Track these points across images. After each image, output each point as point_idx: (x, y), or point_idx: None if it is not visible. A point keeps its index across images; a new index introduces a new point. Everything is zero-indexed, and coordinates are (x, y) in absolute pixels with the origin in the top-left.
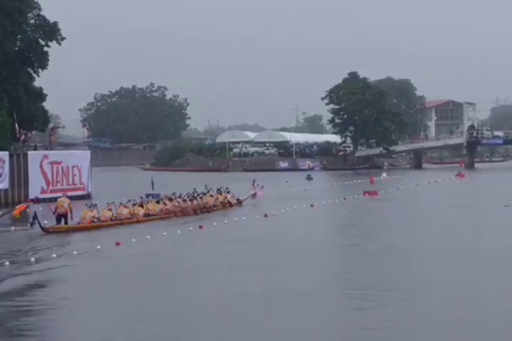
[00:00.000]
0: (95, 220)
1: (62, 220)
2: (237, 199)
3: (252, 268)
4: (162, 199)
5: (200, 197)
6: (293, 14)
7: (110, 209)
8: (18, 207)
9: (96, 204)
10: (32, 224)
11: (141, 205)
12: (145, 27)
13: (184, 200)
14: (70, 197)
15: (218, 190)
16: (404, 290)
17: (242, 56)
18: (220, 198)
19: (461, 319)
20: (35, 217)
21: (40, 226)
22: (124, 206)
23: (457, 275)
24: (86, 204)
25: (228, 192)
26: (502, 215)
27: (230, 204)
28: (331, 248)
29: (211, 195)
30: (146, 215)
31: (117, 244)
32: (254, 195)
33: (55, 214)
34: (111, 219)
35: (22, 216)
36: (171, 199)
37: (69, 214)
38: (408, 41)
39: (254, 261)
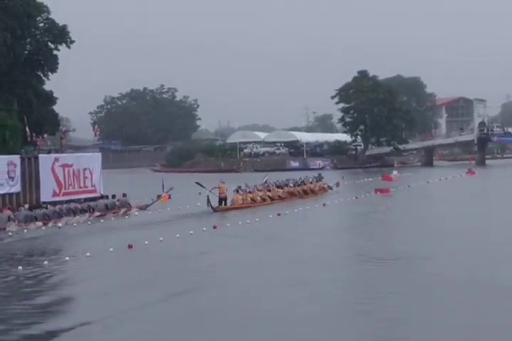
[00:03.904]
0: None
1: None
2: (328, 186)
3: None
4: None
5: (304, 184)
6: (301, 13)
7: (250, 192)
8: (162, 195)
9: (240, 188)
10: (208, 205)
11: (269, 190)
12: (155, 30)
13: (293, 186)
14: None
15: (315, 178)
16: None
17: (251, 56)
18: (318, 185)
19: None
20: (208, 200)
21: (211, 207)
22: (258, 190)
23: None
24: (235, 190)
25: (321, 179)
26: None
27: (325, 190)
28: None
29: (311, 183)
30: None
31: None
32: (337, 184)
33: (218, 198)
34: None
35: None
36: (286, 185)
37: (228, 197)
38: (417, 38)
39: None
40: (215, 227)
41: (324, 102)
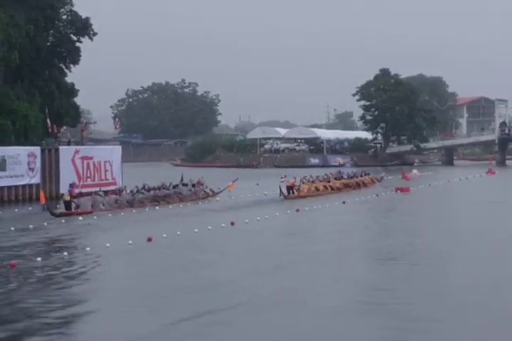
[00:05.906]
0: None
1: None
2: (376, 179)
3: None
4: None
5: (360, 176)
6: (322, 11)
7: (313, 182)
8: (229, 184)
9: (305, 178)
10: (280, 195)
11: (329, 181)
12: (177, 25)
13: (347, 178)
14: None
15: (365, 173)
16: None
17: (272, 53)
18: (368, 178)
19: None
20: (280, 189)
21: (283, 195)
22: (320, 181)
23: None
24: (301, 180)
25: (369, 174)
26: None
27: (374, 182)
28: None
29: (361, 175)
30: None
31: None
32: (381, 178)
33: (286, 187)
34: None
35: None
36: (342, 177)
37: (295, 187)
38: (439, 38)
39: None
40: (232, 224)
41: (345, 100)
